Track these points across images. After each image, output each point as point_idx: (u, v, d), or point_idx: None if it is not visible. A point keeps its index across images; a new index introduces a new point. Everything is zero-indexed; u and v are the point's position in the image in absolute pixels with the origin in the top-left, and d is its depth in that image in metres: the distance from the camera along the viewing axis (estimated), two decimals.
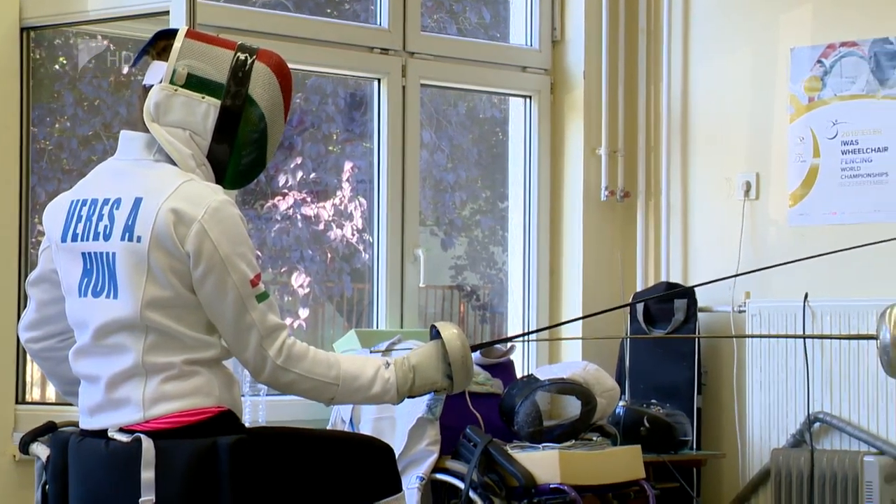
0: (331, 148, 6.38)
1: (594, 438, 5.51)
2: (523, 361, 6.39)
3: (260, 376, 3.28)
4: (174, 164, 3.27)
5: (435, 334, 3.44)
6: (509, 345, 5.82)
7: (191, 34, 3.34)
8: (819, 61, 6.25)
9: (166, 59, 3.31)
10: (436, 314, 6.54)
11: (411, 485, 5.20)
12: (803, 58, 6.29)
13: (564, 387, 5.58)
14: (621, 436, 5.70)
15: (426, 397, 5.32)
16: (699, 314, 6.29)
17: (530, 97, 6.68)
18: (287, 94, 3.39)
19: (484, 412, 5.47)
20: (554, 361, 6.39)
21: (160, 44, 3.36)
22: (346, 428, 5.45)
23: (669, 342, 6.27)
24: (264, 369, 3.26)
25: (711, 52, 6.60)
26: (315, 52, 5.93)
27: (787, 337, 4.96)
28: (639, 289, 6.58)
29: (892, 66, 6.07)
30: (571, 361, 6.14)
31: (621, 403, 5.85)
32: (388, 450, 3.50)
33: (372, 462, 3.44)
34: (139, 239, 3.19)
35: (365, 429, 5.38)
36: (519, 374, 5.85)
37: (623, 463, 5.40)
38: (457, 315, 6.69)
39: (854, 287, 6.00)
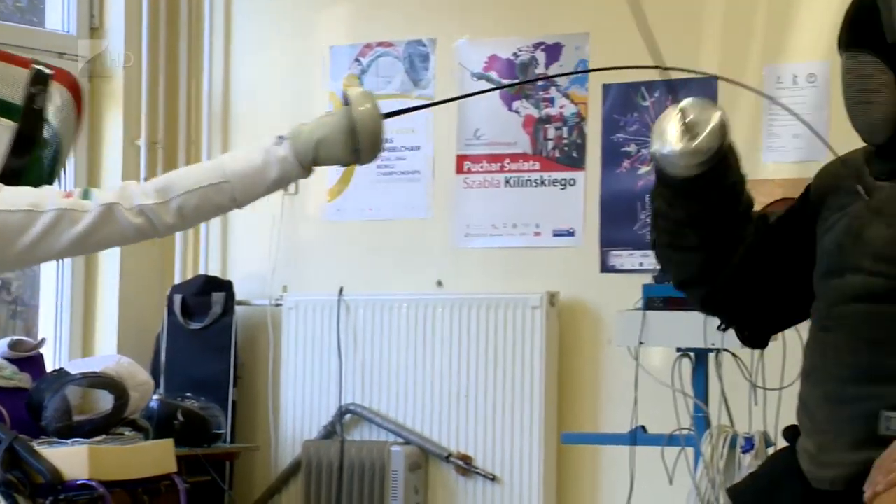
0: None
1: (126, 433, 5.50)
2: (54, 356, 6.25)
3: (159, 231, 2.94)
4: None
5: (346, 101, 3.01)
6: (40, 338, 5.70)
7: None
8: (357, 60, 6.37)
9: None
10: None
11: None
12: (342, 56, 6.40)
13: (96, 381, 5.55)
14: (154, 430, 5.67)
15: None
16: (237, 307, 6.32)
17: None
18: (81, 113, 3.20)
19: (10, 407, 5.37)
20: (87, 355, 6.28)
21: None
22: None
23: (206, 335, 6.27)
24: (154, 220, 2.91)
25: (253, 47, 6.63)
26: None
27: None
28: (177, 281, 6.54)
29: (424, 68, 6.25)
30: (104, 355, 6.08)
31: (155, 397, 5.83)
32: None
33: None
34: None
35: None
36: (49, 369, 5.72)
37: (154, 457, 5.41)
38: None
39: (384, 281, 6.16)
